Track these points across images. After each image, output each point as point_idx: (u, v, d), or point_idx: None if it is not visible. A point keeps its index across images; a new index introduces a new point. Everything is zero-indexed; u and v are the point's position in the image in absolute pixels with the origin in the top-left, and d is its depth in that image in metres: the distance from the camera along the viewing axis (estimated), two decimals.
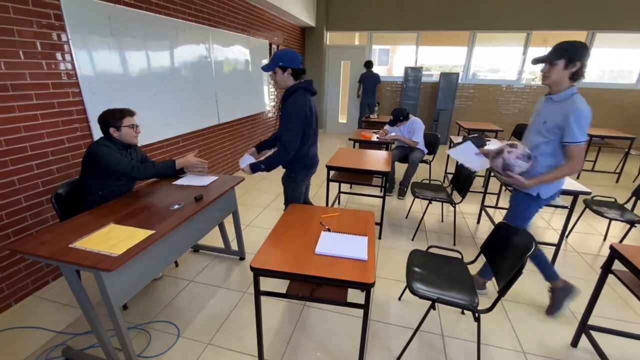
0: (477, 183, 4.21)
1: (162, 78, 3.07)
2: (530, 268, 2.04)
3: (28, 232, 2.10)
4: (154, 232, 1.55)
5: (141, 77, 2.83)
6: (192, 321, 1.96)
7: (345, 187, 4.11)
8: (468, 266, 1.90)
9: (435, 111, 6.80)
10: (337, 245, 1.56)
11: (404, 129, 3.99)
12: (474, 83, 6.85)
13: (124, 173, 1.88)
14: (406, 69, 6.71)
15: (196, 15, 3.49)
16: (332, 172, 2.95)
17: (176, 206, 1.84)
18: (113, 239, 1.49)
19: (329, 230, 1.73)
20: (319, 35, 7.12)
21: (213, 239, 2.78)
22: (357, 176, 2.98)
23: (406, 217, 3.39)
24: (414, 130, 3.89)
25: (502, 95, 6.76)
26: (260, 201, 3.76)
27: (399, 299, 2.19)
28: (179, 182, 2.23)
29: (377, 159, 3.08)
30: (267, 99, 5.57)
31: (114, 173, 1.88)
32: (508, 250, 1.65)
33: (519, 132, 5.15)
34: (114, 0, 2.50)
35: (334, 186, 3.82)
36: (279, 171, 2.32)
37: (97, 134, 2.40)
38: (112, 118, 1.88)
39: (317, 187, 4.24)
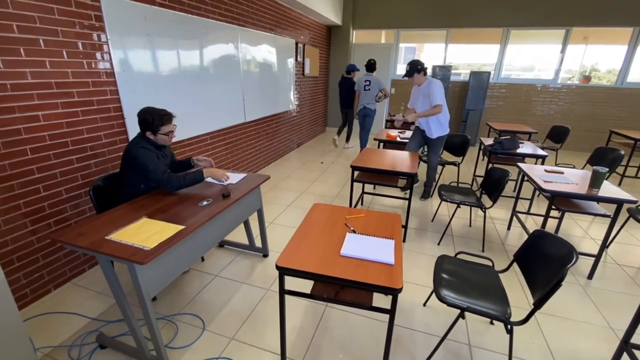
0: (509, 187, 4.03)
1: (192, 76, 3.16)
2: (566, 279, 1.92)
3: (67, 223, 2.22)
4: (184, 227, 1.59)
5: (173, 75, 2.92)
6: (217, 315, 2.00)
7: (368, 187, 4.06)
8: (500, 275, 1.81)
9: (463, 111, 6.58)
10: (362, 248, 1.54)
11: (418, 94, 3.52)
12: (506, 82, 6.56)
13: (156, 181, 1.92)
14: (434, 67, 6.53)
15: (226, 15, 3.56)
16: (356, 172, 2.92)
17: (205, 202, 1.88)
18: (145, 232, 1.54)
19: (354, 232, 1.71)
20: (345, 34, 7.07)
21: (237, 234, 2.83)
22: (381, 177, 2.93)
23: (432, 221, 3.30)
24: (431, 92, 3.31)
25: (536, 96, 6.43)
26: (284, 199, 3.79)
27: (424, 304, 2.13)
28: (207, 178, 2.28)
29: (403, 160, 3.02)
30: (292, 98, 5.59)
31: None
32: (545, 260, 1.56)
33: (555, 134, 4.88)
34: (149, 1, 2.59)
35: (357, 186, 3.78)
36: (302, 171, 2.29)
37: (132, 130, 2.52)
38: (153, 123, 1.89)
39: (340, 186, 4.21)
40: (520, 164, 2.96)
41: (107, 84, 2.34)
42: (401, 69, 7.57)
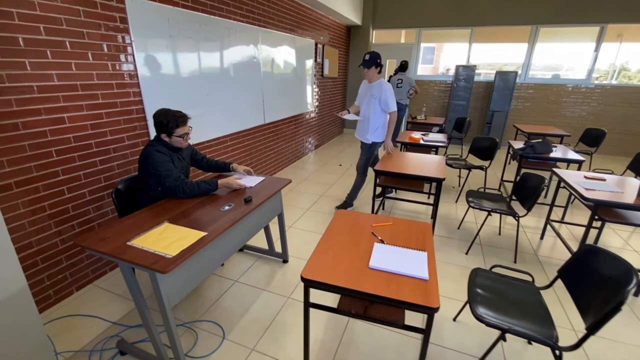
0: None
1: (213, 78, 3.13)
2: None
3: (90, 224, 2.22)
4: (206, 233, 1.53)
5: (194, 77, 2.90)
6: (237, 323, 1.94)
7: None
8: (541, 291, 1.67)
9: (487, 113, 6.33)
10: (393, 260, 1.44)
11: (365, 91, 3.21)
12: (534, 82, 6.27)
13: (169, 187, 1.87)
14: (457, 67, 6.32)
15: (247, 16, 3.52)
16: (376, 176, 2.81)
17: (226, 207, 1.82)
18: (167, 238, 1.49)
19: (382, 242, 1.61)
20: (365, 34, 6.95)
21: (256, 238, 2.77)
22: (405, 181, 2.81)
23: (458, 228, 3.15)
24: (384, 98, 3.04)
25: (567, 96, 6.11)
26: (302, 202, 3.71)
27: (454, 319, 2.00)
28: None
29: (428, 164, 2.88)
30: (311, 99, 5.53)
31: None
32: (597, 279, 1.41)
33: (589, 138, 4.60)
34: (173, 2, 2.58)
35: (378, 190, 3.66)
36: (320, 173, 2.21)
37: (154, 132, 2.49)
38: (167, 125, 1.86)
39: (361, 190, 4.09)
40: (556, 170, 2.77)
41: (130, 85, 2.34)
42: (422, 70, 7.39)
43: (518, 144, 3.69)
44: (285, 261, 2.56)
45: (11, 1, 1.66)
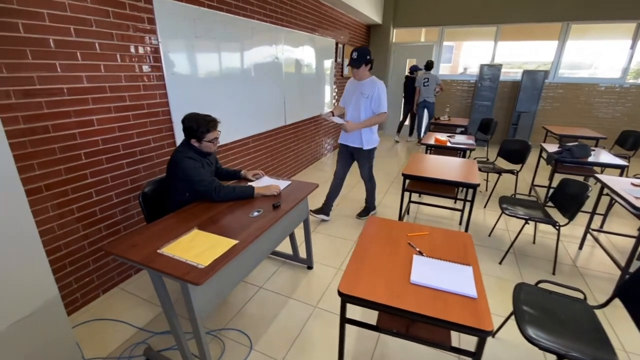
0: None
1: (236, 79, 3.09)
2: None
3: (117, 227, 2.21)
4: (237, 242, 1.47)
5: (219, 78, 2.86)
6: (264, 333, 1.88)
7: (413, 195, 3.79)
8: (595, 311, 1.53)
9: (514, 113, 6.09)
10: (435, 275, 1.34)
11: (353, 91, 2.84)
12: (564, 82, 5.99)
13: (204, 192, 1.83)
14: (482, 66, 6.10)
15: (270, 16, 3.47)
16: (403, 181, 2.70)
17: (255, 213, 1.76)
18: (198, 246, 1.44)
19: (420, 253, 1.51)
20: (385, 33, 6.81)
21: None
22: (435, 186, 2.68)
23: (489, 235, 3.00)
24: (377, 96, 2.72)
25: (600, 96, 5.81)
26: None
27: (493, 335, 1.88)
28: (254, 184, 2.17)
29: (460, 168, 2.75)
30: (330, 100, 5.44)
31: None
32: None
33: (627, 140, 4.34)
34: (198, 3, 2.54)
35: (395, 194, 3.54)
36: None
37: (179, 134, 2.46)
38: (198, 130, 1.81)
39: (381, 193, 3.99)
40: (599, 176, 2.59)
41: (156, 87, 2.31)
42: (444, 69, 7.19)
43: (551, 147, 3.50)
44: (309, 267, 2.49)
45: (42, 2, 1.65)
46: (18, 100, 1.61)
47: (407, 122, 6.78)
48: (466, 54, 8.48)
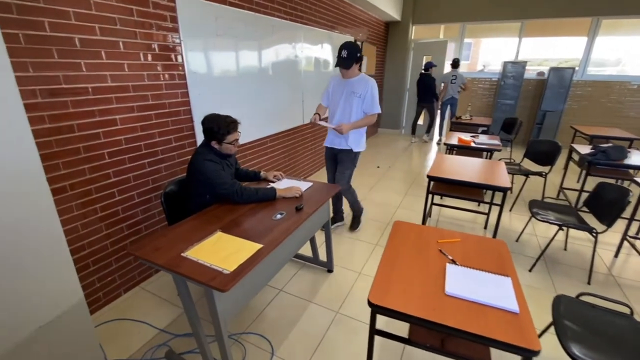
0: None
1: (256, 78, 3.05)
2: None
3: (138, 227, 2.20)
4: (262, 246, 1.42)
5: (238, 77, 2.83)
6: (285, 339, 1.83)
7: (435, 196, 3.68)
8: None
9: (538, 112, 5.85)
10: (472, 286, 1.26)
11: (341, 90, 2.55)
12: (593, 80, 5.71)
13: (226, 194, 1.79)
14: (505, 63, 5.89)
15: (290, 13, 3.42)
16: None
17: (278, 216, 1.71)
18: (222, 250, 1.40)
19: (454, 262, 1.43)
20: (404, 30, 6.66)
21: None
22: (461, 189, 2.57)
23: (516, 241, 2.87)
24: (369, 96, 2.48)
25: (632, 95, 5.52)
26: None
27: None
28: (275, 185, 2.12)
29: (487, 170, 2.63)
30: None
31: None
32: None
33: None
34: (220, 0, 2.51)
35: (420, 196, 3.43)
36: (358, 176, 2.04)
37: (200, 134, 2.43)
38: (218, 132, 1.77)
39: (401, 194, 3.88)
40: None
41: (178, 86, 2.29)
42: (462, 67, 6.98)
43: (583, 149, 3.33)
44: (330, 271, 2.43)
45: (68, 0, 1.63)
46: (44, 100, 1.61)
47: (419, 122, 6.61)
48: (485, 51, 8.24)
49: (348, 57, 2.35)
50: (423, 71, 6.14)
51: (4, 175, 1.07)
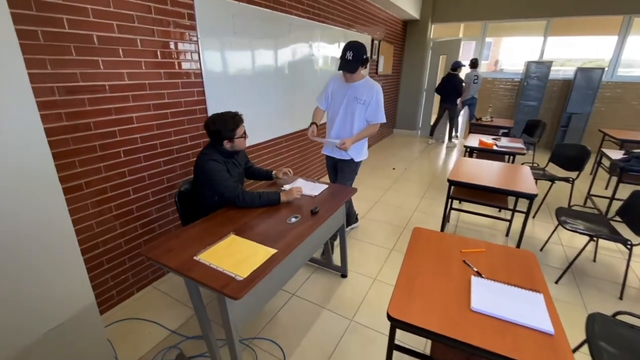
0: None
1: (272, 76, 3.01)
2: None
3: (152, 225, 2.19)
4: (276, 251, 1.37)
5: (254, 75, 2.79)
6: (297, 346, 1.78)
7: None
8: None
9: (563, 115, 5.61)
10: (500, 302, 1.17)
11: (343, 93, 2.33)
12: (623, 81, 5.42)
13: (228, 198, 1.75)
14: (528, 63, 5.66)
15: (307, 11, 3.36)
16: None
17: (293, 219, 1.66)
18: (235, 254, 1.35)
19: (479, 274, 1.34)
20: (423, 29, 6.50)
21: None
22: (483, 194, 2.46)
23: (541, 250, 2.73)
24: (374, 103, 2.25)
25: None
26: (357, 209, 3.48)
27: None
28: (287, 187, 2.07)
29: (511, 175, 2.51)
30: None
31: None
32: None
33: None
34: None
35: (440, 200, 3.32)
36: (373, 177, 1.96)
37: None
38: (226, 130, 1.73)
39: (417, 197, 3.77)
40: None
41: (194, 84, 2.27)
42: (482, 66, 6.77)
43: (615, 154, 3.14)
44: (344, 276, 2.36)
45: None
46: (62, 97, 1.60)
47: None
48: (506, 51, 7.97)
49: (353, 60, 2.13)
50: (451, 71, 5.92)
51: (15, 174, 1.05)
